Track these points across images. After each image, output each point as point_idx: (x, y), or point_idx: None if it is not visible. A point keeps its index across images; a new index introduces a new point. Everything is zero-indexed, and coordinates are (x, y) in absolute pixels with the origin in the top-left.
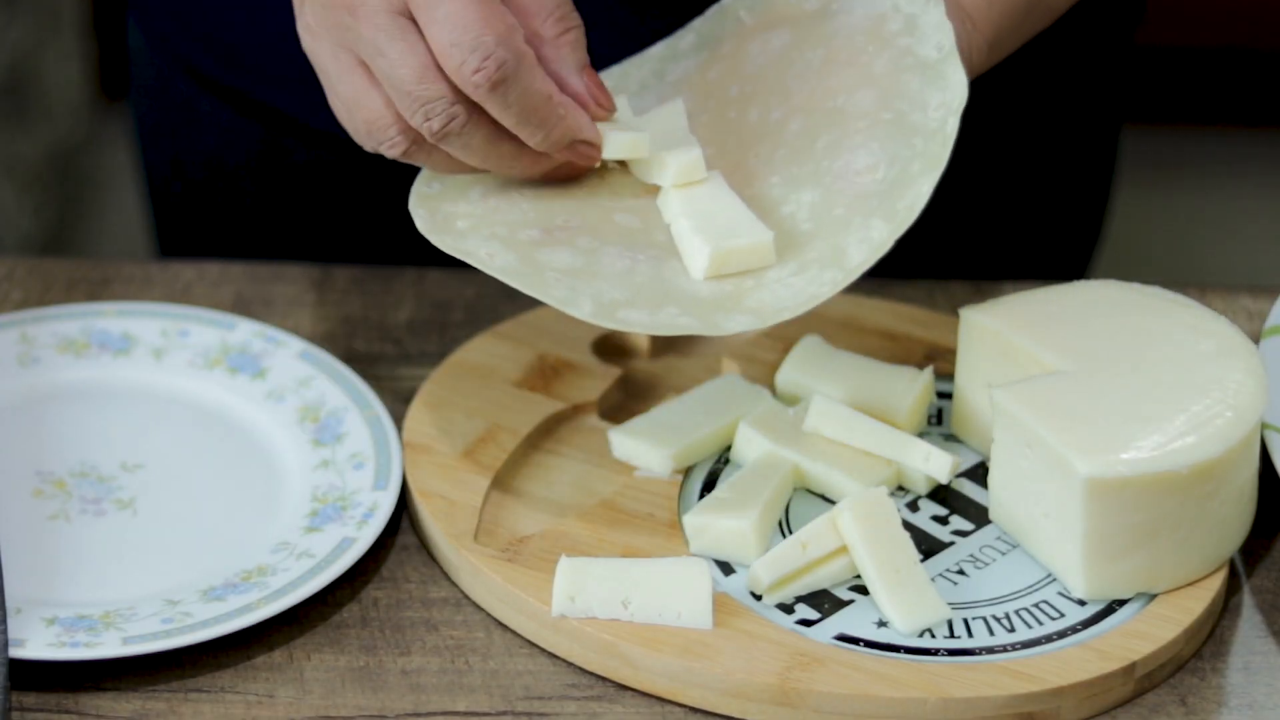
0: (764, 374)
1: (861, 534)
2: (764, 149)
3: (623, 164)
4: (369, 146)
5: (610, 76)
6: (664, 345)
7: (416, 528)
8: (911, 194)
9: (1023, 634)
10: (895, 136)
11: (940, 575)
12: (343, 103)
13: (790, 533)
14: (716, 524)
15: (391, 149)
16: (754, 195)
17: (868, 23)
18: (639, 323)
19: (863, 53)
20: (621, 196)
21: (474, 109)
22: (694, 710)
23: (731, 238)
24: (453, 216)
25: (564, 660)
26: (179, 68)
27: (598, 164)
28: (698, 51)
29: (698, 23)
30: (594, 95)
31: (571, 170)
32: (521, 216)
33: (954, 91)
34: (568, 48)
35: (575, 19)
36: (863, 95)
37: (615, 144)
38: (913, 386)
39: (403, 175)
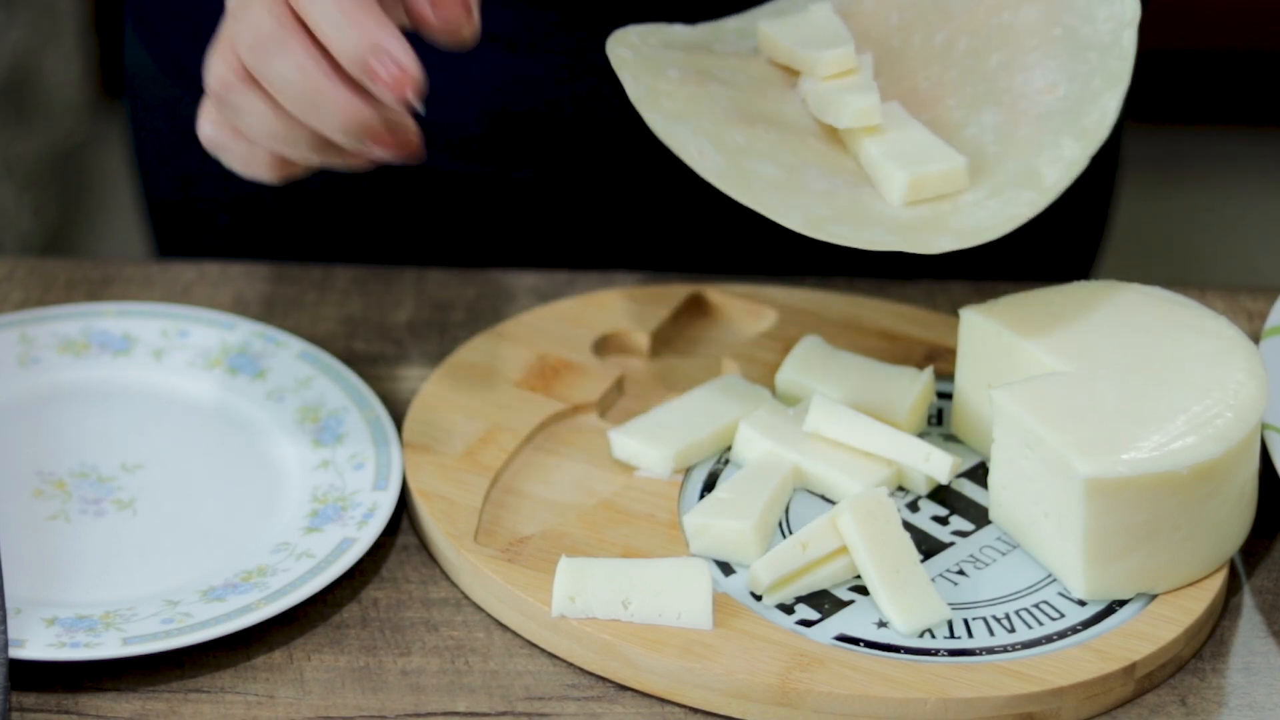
0: (764, 374)
1: (861, 534)
2: (933, 72)
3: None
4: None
5: (764, 10)
6: (664, 345)
7: (416, 528)
8: (1098, 110)
9: (1023, 634)
10: (1069, 52)
11: (940, 575)
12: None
13: (790, 533)
14: (717, 524)
15: (216, 80)
16: (932, 119)
17: None
18: (848, 237)
19: None
20: (808, 116)
21: (296, 25)
22: (694, 710)
23: (926, 162)
24: (657, 93)
25: (564, 660)
26: (189, 84)
27: (405, 93)
28: None
29: None
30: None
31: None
32: (723, 112)
33: (1124, 3)
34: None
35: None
36: (1027, 11)
37: (850, 111)
38: (913, 387)
39: (404, 179)
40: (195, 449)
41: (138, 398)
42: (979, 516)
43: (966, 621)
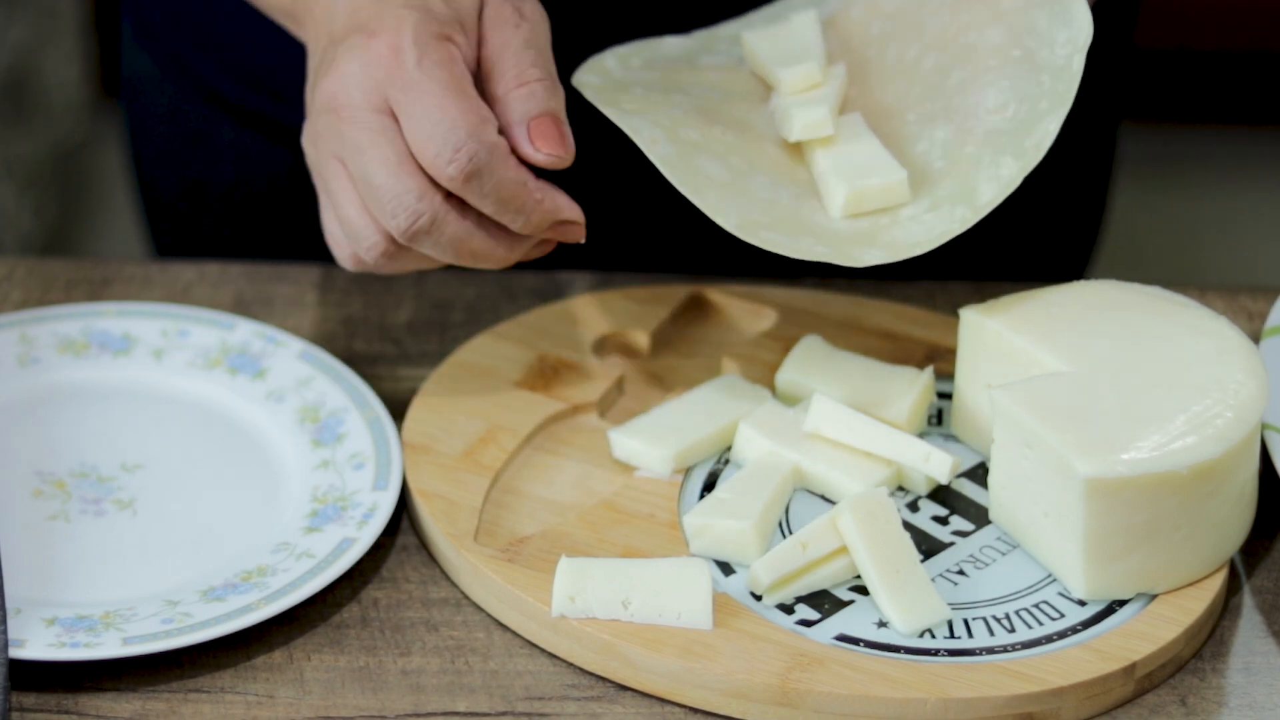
0: (764, 374)
1: (861, 534)
2: (900, 86)
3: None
4: (347, 254)
5: (760, 15)
6: (664, 345)
7: (416, 528)
8: (1039, 131)
9: (1023, 634)
10: (1025, 74)
11: (940, 575)
12: (327, 212)
13: (790, 533)
14: (717, 525)
15: (369, 253)
16: (890, 132)
17: None
18: (779, 244)
19: None
20: (774, 129)
21: (450, 205)
22: (694, 710)
23: (867, 177)
24: (618, 99)
25: (564, 660)
26: (196, 93)
27: (583, 240)
28: None
29: None
30: (535, 143)
31: (551, 247)
32: (683, 116)
33: (1079, 29)
34: (517, 100)
35: (536, 73)
36: (993, 31)
37: (799, 124)
38: (913, 387)
39: None
40: (195, 449)
41: (138, 398)
42: (979, 516)
43: (966, 621)
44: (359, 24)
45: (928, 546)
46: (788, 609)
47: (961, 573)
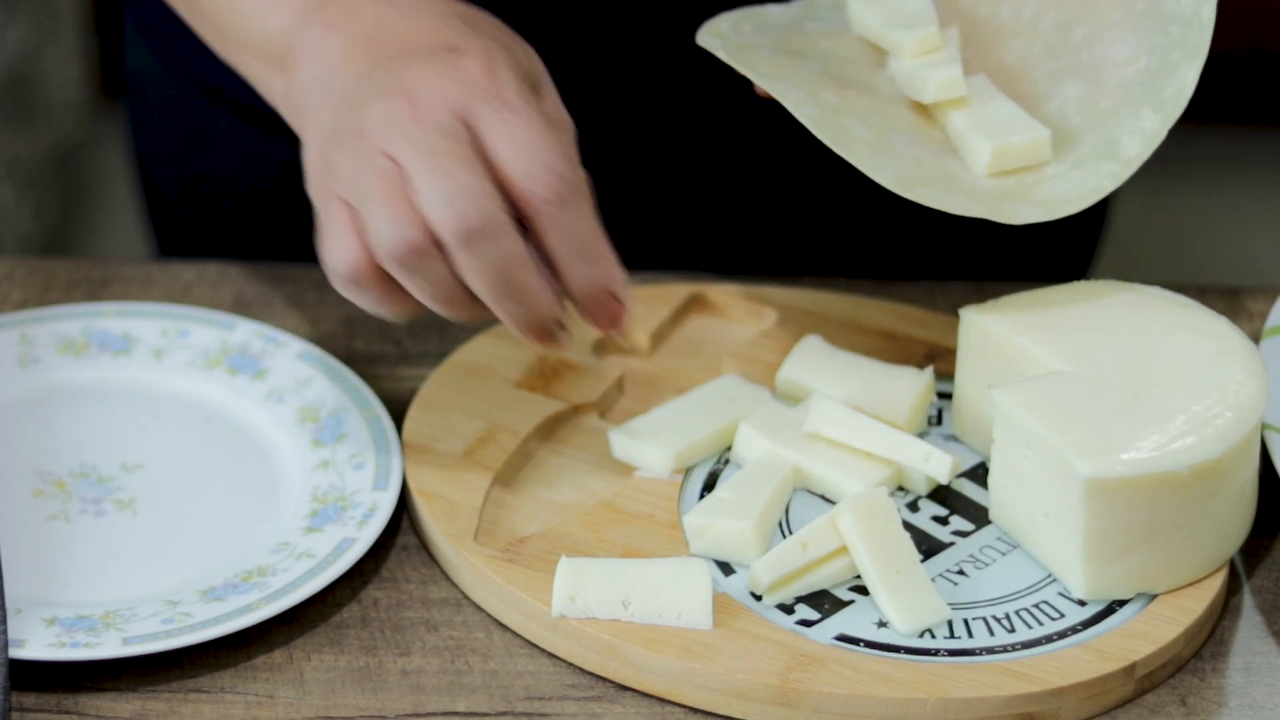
0: (764, 374)
1: (861, 534)
2: (1020, 45)
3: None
4: (379, 249)
5: None
6: (664, 345)
7: (416, 528)
8: (1176, 81)
9: (1023, 634)
10: (1151, 25)
11: (940, 575)
12: (358, 202)
13: (790, 533)
14: (717, 525)
15: (401, 244)
16: (1018, 93)
17: None
18: (935, 199)
19: None
20: (898, 92)
21: (512, 223)
22: (694, 710)
23: (1011, 134)
24: (751, 59)
25: (564, 660)
26: (197, 88)
27: (566, 347)
28: None
29: None
30: (602, 300)
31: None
32: (816, 79)
33: None
34: (572, 212)
35: (572, 178)
36: None
37: (933, 85)
38: (913, 387)
39: None
40: (195, 449)
41: (138, 398)
42: (979, 516)
43: (966, 621)
44: (442, 42)
45: (928, 546)
46: (788, 609)
47: (961, 573)
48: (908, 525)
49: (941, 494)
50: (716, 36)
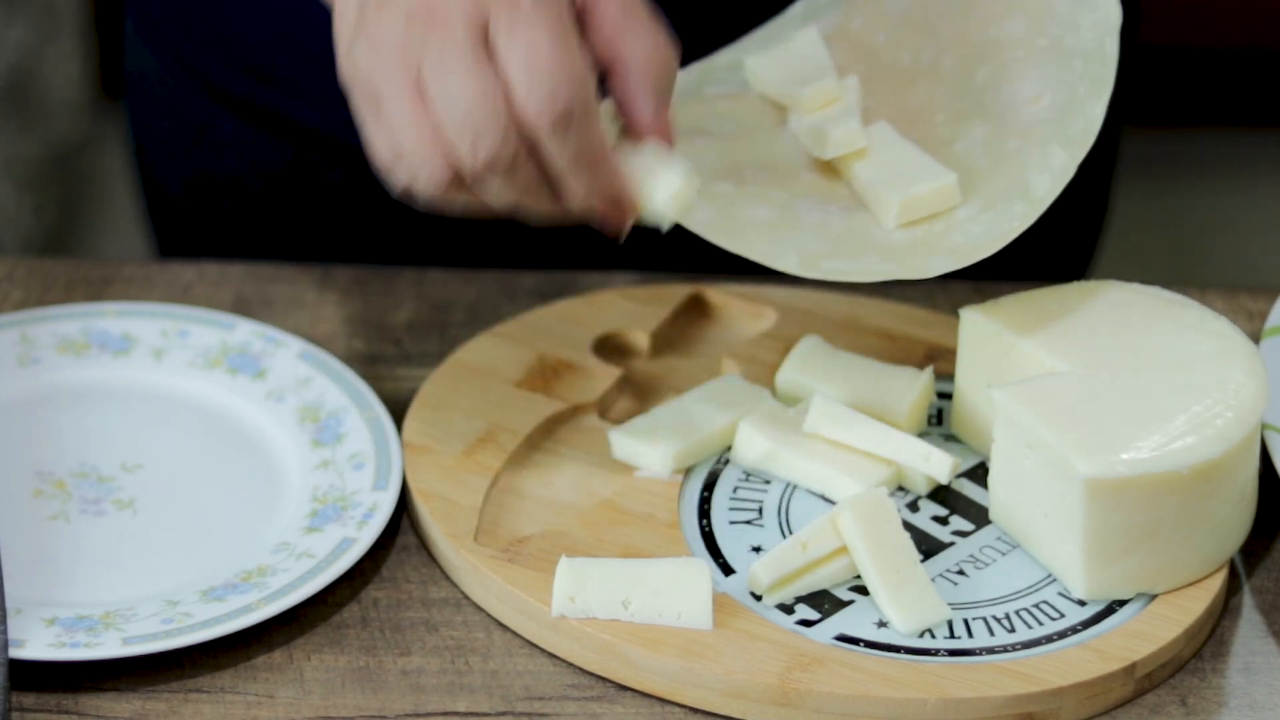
0: (764, 374)
1: (861, 534)
2: (922, 89)
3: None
4: (401, 180)
5: (754, 40)
6: (664, 345)
7: (416, 528)
8: (1084, 116)
9: (1023, 634)
10: (1055, 61)
11: (940, 575)
12: (386, 130)
13: (790, 533)
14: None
15: (429, 180)
16: (923, 137)
17: None
18: (844, 271)
19: None
20: (801, 150)
21: (527, 150)
22: (694, 710)
23: (916, 183)
24: None
25: (564, 660)
26: (199, 88)
27: (624, 230)
28: (837, 4)
29: None
30: (660, 129)
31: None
32: (710, 166)
33: (1105, 10)
34: (650, 77)
35: (665, 46)
36: (1012, 23)
37: (832, 141)
38: (913, 386)
39: None
40: (195, 449)
41: (138, 398)
42: (979, 516)
43: (966, 621)
44: None
45: (928, 546)
46: (788, 609)
47: (961, 573)
48: (908, 525)
49: (941, 494)
50: (611, 120)
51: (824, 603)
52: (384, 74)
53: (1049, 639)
